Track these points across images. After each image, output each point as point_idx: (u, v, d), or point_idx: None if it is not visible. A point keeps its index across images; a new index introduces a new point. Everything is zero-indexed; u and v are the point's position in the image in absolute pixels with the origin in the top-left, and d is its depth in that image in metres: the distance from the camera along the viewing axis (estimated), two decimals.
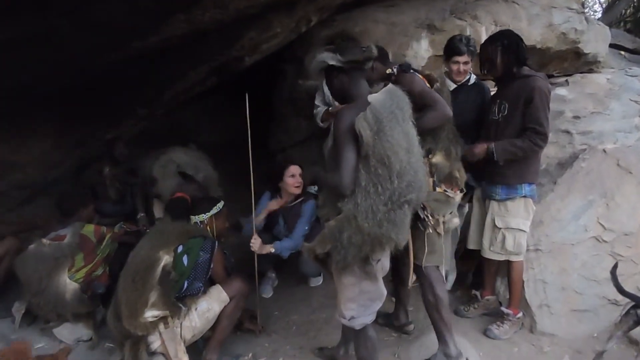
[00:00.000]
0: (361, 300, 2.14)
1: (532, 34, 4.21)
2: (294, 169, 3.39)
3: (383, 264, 2.20)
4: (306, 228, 3.28)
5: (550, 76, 4.59)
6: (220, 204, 2.82)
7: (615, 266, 2.53)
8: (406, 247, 2.23)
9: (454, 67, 3.03)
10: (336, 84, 2.10)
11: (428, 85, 2.49)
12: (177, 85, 3.95)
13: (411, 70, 2.56)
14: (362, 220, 1.92)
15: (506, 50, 2.74)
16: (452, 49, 3.01)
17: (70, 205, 3.07)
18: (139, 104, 4.11)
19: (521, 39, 2.80)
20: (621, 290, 2.45)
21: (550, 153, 3.53)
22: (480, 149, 2.78)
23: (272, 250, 3.13)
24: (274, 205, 3.35)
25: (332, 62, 2.02)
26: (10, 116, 3.46)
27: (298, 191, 3.39)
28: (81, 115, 3.84)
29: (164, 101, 4.18)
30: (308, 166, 4.33)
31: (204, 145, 5.62)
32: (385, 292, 2.24)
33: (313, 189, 3.49)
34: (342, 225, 1.95)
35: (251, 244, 3.00)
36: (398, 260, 2.49)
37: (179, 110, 5.07)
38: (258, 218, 3.27)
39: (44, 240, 2.87)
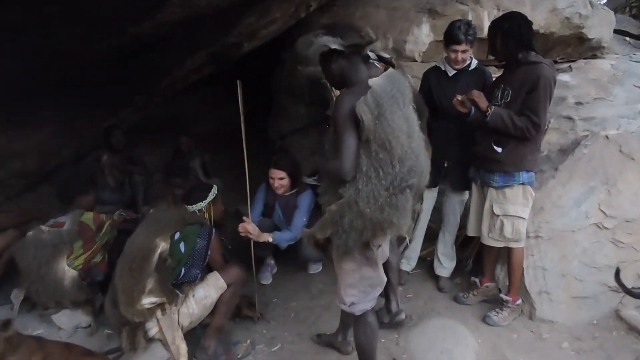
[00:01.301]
0: (361, 287, 2.13)
1: (536, 19, 4.14)
2: (273, 173, 3.34)
3: (383, 249, 2.19)
4: (304, 219, 3.27)
5: (553, 62, 4.53)
6: (215, 189, 2.80)
7: (617, 272, 2.49)
8: None
9: (452, 55, 2.98)
10: (335, 69, 2.03)
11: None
12: (174, 73, 3.92)
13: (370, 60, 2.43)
14: (364, 206, 1.90)
15: (506, 35, 2.67)
16: (450, 37, 2.95)
17: (69, 193, 3.06)
18: (136, 92, 4.09)
19: (526, 22, 2.70)
20: (633, 294, 2.44)
21: (551, 139, 3.49)
22: (480, 98, 2.70)
23: (270, 239, 3.12)
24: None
25: (334, 46, 1.94)
26: (9, 105, 3.45)
27: (280, 192, 3.38)
28: (79, 104, 3.83)
29: (162, 89, 4.16)
30: (306, 153, 4.32)
31: (202, 134, 5.63)
32: (385, 279, 2.23)
33: (310, 179, 3.46)
34: (343, 210, 1.93)
35: (241, 230, 2.96)
36: None
37: (177, 100, 5.06)
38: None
39: (43, 227, 2.86)
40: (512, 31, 2.66)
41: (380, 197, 1.89)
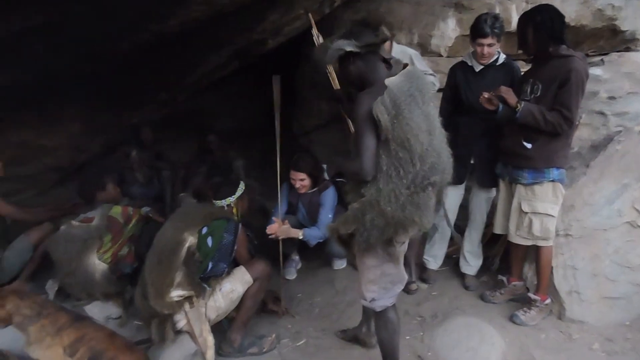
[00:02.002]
0: (382, 283, 2.14)
1: (566, 11, 4.00)
2: (294, 175, 3.36)
3: (404, 247, 2.19)
4: (330, 216, 3.28)
5: (586, 55, 4.40)
6: (242, 185, 2.83)
7: None
8: None
9: (478, 49, 2.93)
10: (353, 71, 2.03)
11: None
12: (198, 70, 3.96)
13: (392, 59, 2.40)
14: (385, 204, 1.90)
15: (538, 28, 2.60)
16: (476, 30, 2.90)
17: (88, 191, 3.11)
18: (161, 88, 4.15)
19: (558, 15, 2.63)
20: None
21: (583, 135, 3.40)
22: (509, 94, 2.65)
23: (300, 235, 3.15)
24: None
25: (349, 49, 1.95)
26: (40, 102, 3.55)
27: (302, 191, 3.41)
28: (106, 100, 3.91)
29: (186, 86, 4.21)
30: (330, 149, 4.32)
31: (226, 130, 5.68)
32: (406, 276, 2.23)
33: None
34: (364, 208, 1.94)
35: (270, 231, 3.01)
36: None
37: (200, 96, 5.11)
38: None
39: (74, 222, 2.93)
40: (544, 24, 2.59)
41: (402, 196, 1.89)
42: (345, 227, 2.00)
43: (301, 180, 3.35)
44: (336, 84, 2.98)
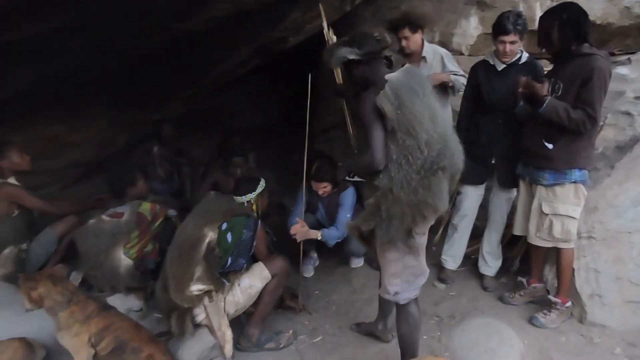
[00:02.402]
0: (405, 276, 2.19)
1: (592, 9, 3.95)
2: (316, 185, 3.37)
3: (424, 240, 2.23)
4: (348, 216, 3.30)
5: (611, 54, 4.30)
6: (263, 182, 2.86)
7: None
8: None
9: (500, 46, 2.89)
10: (357, 75, 2.18)
11: None
12: (220, 67, 4.02)
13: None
14: (398, 191, 1.98)
15: (564, 25, 2.55)
16: (498, 27, 2.87)
17: (119, 186, 3.16)
18: (184, 85, 4.22)
19: (584, 13, 2.58)
20: None
21: (608, 136, 3.32)
22: (539, 87, 2.59)
23: (319, 236, 3.17)
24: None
25: (352, 57, 2.10)
26: (66, 99, 3.65)
27: (324, 195, 3.43)
28: (130, 97, 4.00)
29: (208, 83, 4.27)
30: (349, 146, 4.31)
31: (246, 127, 5.72)
32: (427, 270, 2.27)
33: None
34: (379, 201, 2.02)
35: (292, 231, 3.04)
36: None
37: (221, 93, 5.16)
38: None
39: (104, 217, 2.98)
40: (570, 22, 2.54)
41: (413, 181, 1.97)
42: (366, 224, 2.07)
43: (324, 187, 3.38)
44: (339, 79, 3.05)
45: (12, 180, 3.07)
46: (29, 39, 2.36)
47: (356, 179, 3.40)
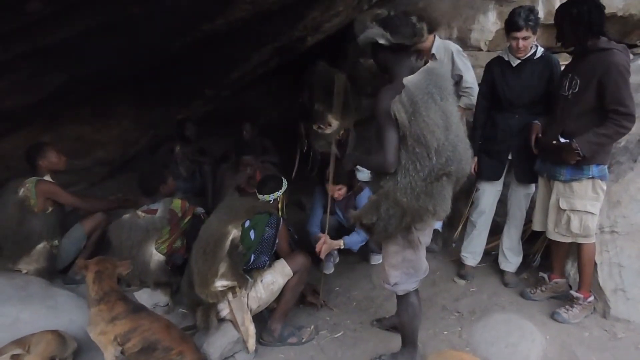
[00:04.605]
0: (404, 268, 2.25)
1: (614, 1, 3.89)
2: (331, 189, 3.28)
3: (425, 239, 2.28)
4: None
5: (632, 46, 4.22)
6: (285, 181, 2.91)
7: None
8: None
9: (513, 42, 2.87)
10: (381, 59, 2.12)
11: None
12: (242, 67, 4.08)
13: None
14: (401, 196, 2.01)
15: (575, 21, 2.52)
16: (510, 23, 2.85)
17: (152, 184, 3.24)
18: (207, 85, 4.30)
19: (597, 6, 2.53)
20: None
21: None
22: (568, 152, 2.57)
23: (342, 245, 3.20)
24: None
25: (381, 41, 2.01)
26: (93, 99, 3.76)
27: (340, 199, 3.42)
28: (155, 97, 4.09)
29: (230, 82, 4.33)
30: (367, 144, 4.33)
31: (267, 125, 5.78)
32: (427, 266, 2.34)
33: (364, 176, 3.48)
34: (380, 200, 2.06)
35: (317, 249, 3.02)
36: None
37: (242, 92, 5.22)
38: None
39: (139, 213, 3.08)
40: (581, 17, 2.50)
41: (417, 187, 2.00)
42: (367, 218, 2.12)
43: (339, 190, 3.39)
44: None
45: (47, 178, 3.20)
46: (61, 43, 2.45)
47: (359, 168, 3.40)
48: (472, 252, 3.35)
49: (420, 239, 2.23)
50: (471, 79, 3.35)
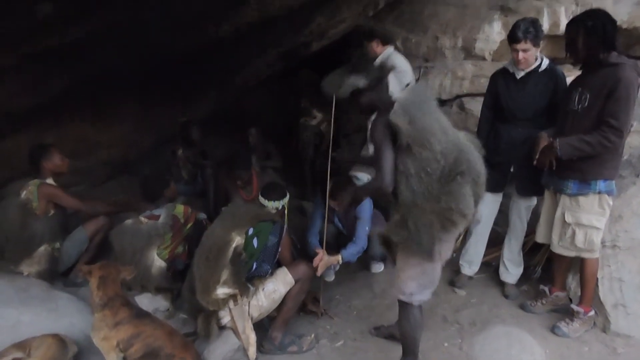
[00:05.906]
0: (421, 280, 2.26)
1: (618, 13, 3.87)
2: (333, 203, 3.28)
3: (447, 253, 2.27)
4: (367, 229, 3.31)
5: (637, 58, 4.22)
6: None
7: None
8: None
9: (514, 54, 2.88)
10: (365, 102, 2.29)
11: None
12: (246, 70, 4.09)
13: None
14: (422, 202, 2.06)
15: (589, 33, 2.50)
16: (510, 35, 2.87)
17: (155, 190, 3.24)
18: (211, 87, 4.30)
19: (610, 20, 2.52)
20: None
21: (633, 143, 3.28)
22: (543, 144, 2.67)
23: (340, 260, 3.18)
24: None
25: (362, 85, 2.23)
26: (96, 100, 3.75)
27: (339, 208, 3.38)
28: (158, 99, 4.09)
29: (235, 85, 4.34)
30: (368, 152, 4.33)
31: (269, 129, 5.77)
32: (439, 276, 2.34)
33: (361, 175, 3.46)
34: (404, 215, 2.08)
35: (314, 264, 2.92)
36: None
37: (246, 95, 5.22)
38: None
39: (142, 218, 3.07)
40: (596, 30, 2.48)
41: (434, 190, 2.06)
42: (396, 237, 2.14)
43: (339, 204, 3.35)
44: None
45: (49, 180, 3.19)
46: (66, 45, 2.45)
47: (358, 176, 3.41)
48: (469, 261, 3.35)
49: (442, 253, 2.21)
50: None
